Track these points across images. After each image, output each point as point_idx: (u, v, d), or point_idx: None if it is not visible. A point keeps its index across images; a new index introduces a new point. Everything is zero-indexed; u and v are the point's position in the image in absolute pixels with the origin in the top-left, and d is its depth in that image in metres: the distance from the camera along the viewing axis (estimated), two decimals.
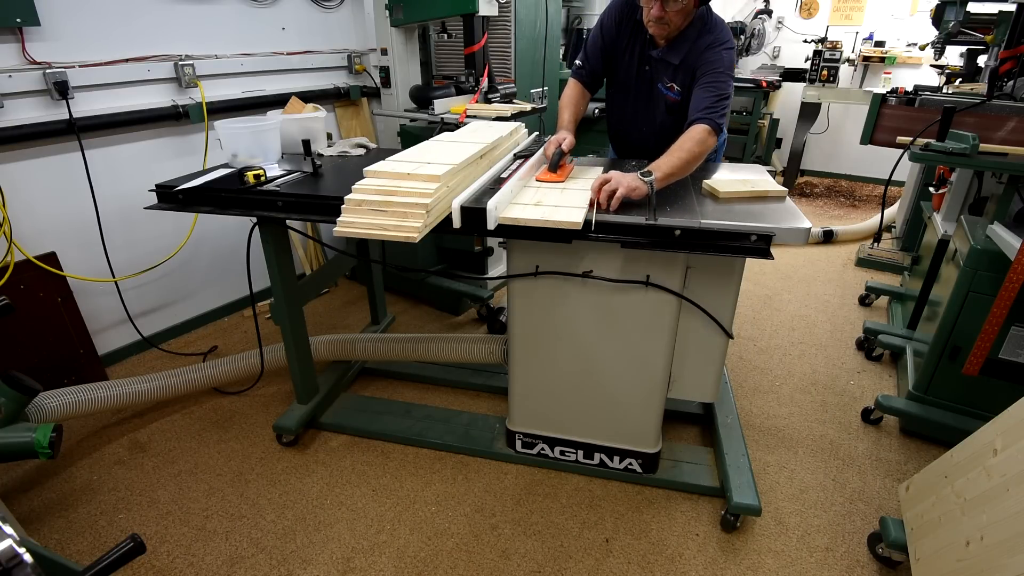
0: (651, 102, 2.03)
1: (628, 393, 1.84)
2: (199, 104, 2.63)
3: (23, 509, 1.87)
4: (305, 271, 3.40)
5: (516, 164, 1.81)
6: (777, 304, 3.28)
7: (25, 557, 0.80)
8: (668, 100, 1.97)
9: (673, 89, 1.95)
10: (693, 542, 1.77)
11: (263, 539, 1.77)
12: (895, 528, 1.62)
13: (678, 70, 1.90)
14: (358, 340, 2.37)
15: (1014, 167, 1.92)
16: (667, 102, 1.98)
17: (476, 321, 3.08)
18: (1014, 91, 2.37)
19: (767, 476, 2.02)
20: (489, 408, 2.36)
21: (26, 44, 2.13)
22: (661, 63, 1.93)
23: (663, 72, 1.94)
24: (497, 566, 1.69)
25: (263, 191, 1.74)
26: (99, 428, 2.25)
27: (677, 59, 1.88)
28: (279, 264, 1.94)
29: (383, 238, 1.38)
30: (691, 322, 1.71)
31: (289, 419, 2.13)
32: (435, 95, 2.64)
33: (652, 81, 1.99)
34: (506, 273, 1.79)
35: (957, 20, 3.08)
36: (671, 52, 1.89)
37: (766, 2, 5.62)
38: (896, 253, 3.84)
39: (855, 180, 5.88)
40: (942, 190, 2.70)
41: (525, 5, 3.07)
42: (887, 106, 2.44)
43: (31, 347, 2.27)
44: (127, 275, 2.60)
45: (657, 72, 1.96)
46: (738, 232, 1.45)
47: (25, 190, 2.23)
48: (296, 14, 3.07)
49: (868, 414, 2.30)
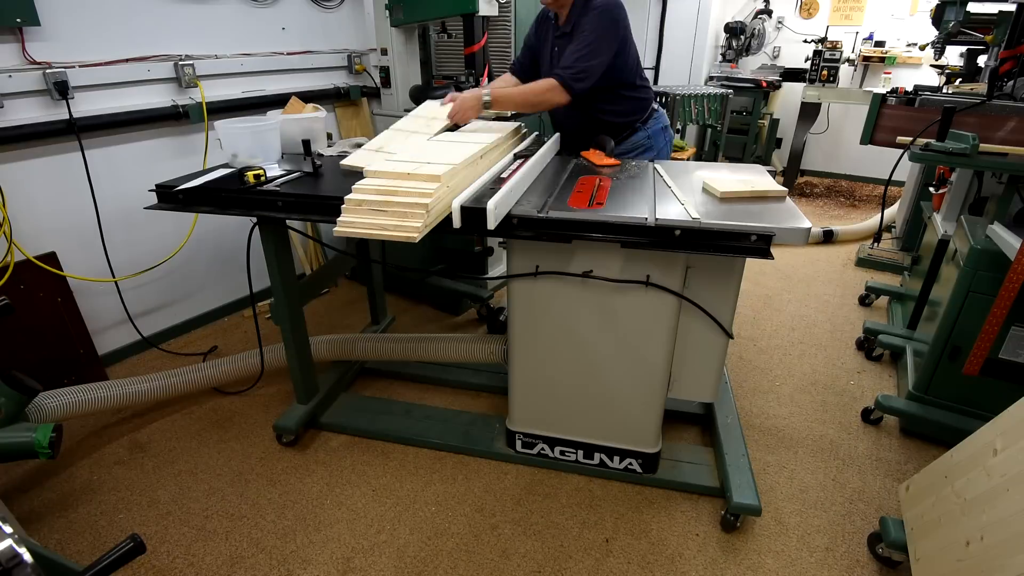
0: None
1: (628, 393, 1.84)
2: (199, 104, 2.63)
3: (23, 509, 1.87)
4: (305, 271, 3.40)
5: (516, 164, 1.81)
6: (777, 304, 3.28)
7: (25, 557, 0.80)
8: None
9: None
10: (693, 542, 1.77)
11: (263, 539, 1.77)
12: (895, 528, 1.62)
13: (571, 37, 2.01)
14: (358, 340, 2.37)
15: (1014, 167, 1.92)
16: None
17: (476, 321, 3.08)
18: (1014, 91, 2.37)
19: (767, 476, 2.02)
20: (489, 408, 2.36)
21: (26, 44, 2.13)
22: (563, 38, 2.07)
23: (566, 44, 2.05)
24: (497, 566, 1.69)
25: (263, 191, 1.74)
26: (99, 428, 2.25)
27: (570, 27, 2.02)
28: (279, 264, 1.94)
29: (383, 238, 1.38)
30: (691, 322, 1.71)
31: (289, 419, 2.13)
32: (435, 95, 2.64)
33: (559, 58, 2.08)
34: (506, 273, 1.79)
35: (957, 20, 3.08)
36: (567, 23, 2.03)
37: (766, 2, 5.62)
38: (896, 253, 3.84)
39: (855, 180, 5.88)
40: (942, 190, 2.70)
41: (525, 5, 3.07)
42: (887, 106, 2.44)
43: (31, 347, 2.27)
44: (127, 275, 2.60)
45: (562, 47, 2.07)
46: (738, 232, 1.45)
47: (25, 190, 2.23)
48: (296, 14, 3.07)
49: (868, 414, 2.30)
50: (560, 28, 2.09)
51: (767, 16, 5.65)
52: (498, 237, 1.60)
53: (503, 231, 1.53)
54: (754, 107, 5.12)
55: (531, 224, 1.55)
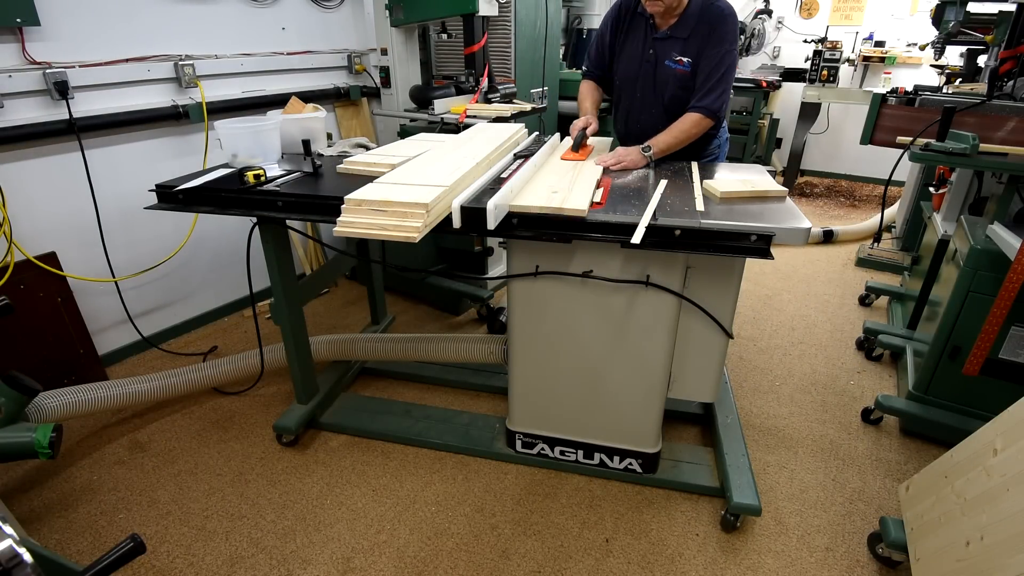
0: (657, 82, 2.09)
1: (628, 393, 1.83)
2: (199, 104, 2.63)
3: (23, 509, 1.87)
4: (305, 271, 3.40)
5: (516, 164, 1.81)
6: (777, 304, 3.28)
7: (25, 557, 0.79)
8: (677, 73, 2.03)
9: (681, 62, 2.01)
10: (693, 542, 1.77)
11: (263, 539, 1.77)
12: (895, 528, 1.62)
13: (687, 43, 1.98)
14: (358, 340, 2.37)
15: (1014, 167, 1.92)
16: (676, 75, 2.03)
17: (476, 321, 3.08)
18: (1014, 91, 2.37)
19: (767, 476, 2.02)
20: (489, 408, 2.36)
21: (26, 44, 2.13)
22: (668, 41, 2.02)
23: (670, 49, 2.02)
24: (497, 566, 1.69)
25: (263, 191, 1.74)
26: (99, 428, 2.25)
27: (685, 33, 1.98)
28: (279, 264, 1.94)
29: (383, 238, 1.38)
30: (691, 322, 1.71)
31: (289, 419, 2.13)
32: (435, 95, 2.64)
33: (658, 61, 2.05)
34: (506, 273, 1.79)
35: (957, 20, 3.08)
36: (679, 28, 1.99)
37: (766, 2, 5.61)
38: (896, 253, 3.84)
39: (855, 180, 5.88)
40: (942, 190, 2.70)
41: (525, 5, 3.07)
42: (887, 106, 2.44)
43: (31, 347, 2.27)
44: (127, 275, 2.60)
45: (664, 51, 2.03)
46: (738, 232, 1.45)
47: (25, 190, 2.23)
48: (296, 14, 3.07)
49: (868, 414, 2.30)
50: (661, 31, 2.02)
51: (767, 16, 5.64)
52: (498, 237, 1.60)
53: (503, 231, 1.53)
54: (754, 107, 5.11)
55: (531, 224, 1.55)
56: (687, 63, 1.99)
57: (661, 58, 2.04)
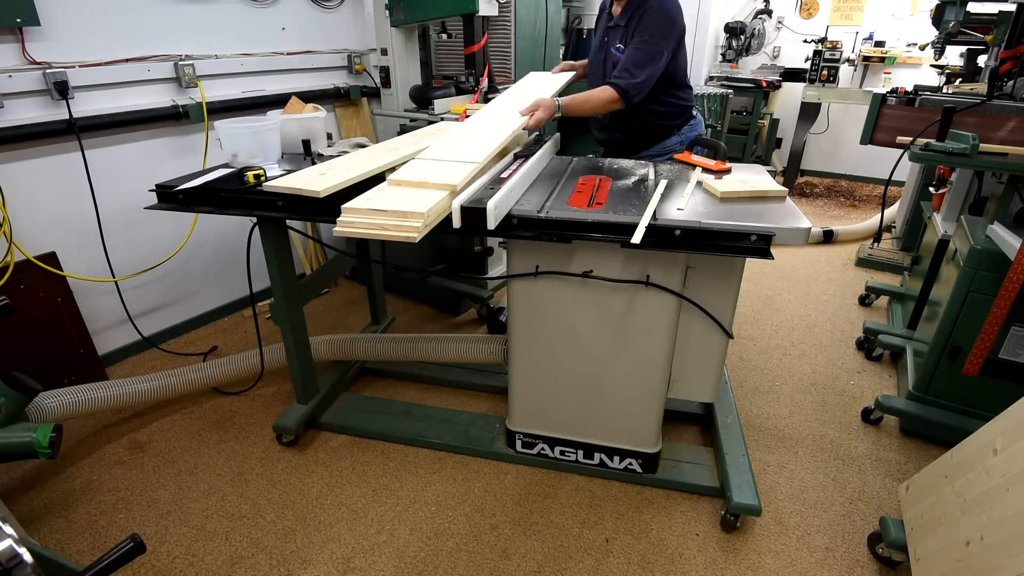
0: (606, 70, 2.13)
1: (628, 393, 1.83)
2: (199, 104, 2.63)
3: (23, 509, 1.87)
4: (305, 271, 3.40)
5: (516, 164, 1.81)
6: (777, 304, 3.28)
7: (25, 557, 0.79)
8: (616, 60, 2.05)
9: (620, 48, 2.04)
10: (693, 542, 1.77)
11: (263, 539, 1.77)
12: (895, 528, 1.62)
13: (626, 31, 2.01)
14: (358, 340, 2.37)
15: (1014, 167, 1.92)
16: (614, 62, 2.06)
17: (476, 321, 3.08)
18: (1014, 91, 2.37)
19: (767, 476, 2.02)
20: (489, 408, 2.36)
21: (26, 44, 2.13)
22: (615, 29, 2.06)
23: (615, 37, 2.06)
24: (497, 566, 1.69)
25: (263, 191, 1.74)
26: (99, 428, 2.25)
27: (624, 20, 2.01)
28: (279, 264, 1.94)
29: (383, 238, 1.38)
30: (691, 322, 1.71)
31: (289, 419, 2.13)
32: (435, 95, 2.64)
33: (608, 49, 2.10)
34: (506, 273, 1.79)
35: (957, 20, 3.08)
36: (622, 16, 2.03)
37: (766, 2, 5.62)
38: (896, 253, 3.84)
39: (855, 180, 5.88)
40: (942, 190, 2.70)
41: (525, 5, 3.07)
42: (887, 106, 2.44)
43: (31, 347, 2.27)
44: (127, 275, 2.60)
45: (612, 39, 2.08)
46: (738, 232, 1.45)
47: (25, 190, 2.23)
48: (296, 14, 3.07)
49: (868, 414, 2.30)
50: (614, 19, 2.08)
51: (767, 16, 5.64)
52: (498, 237, 1.60)
53: (503, 231, 1.53)
54: (754, 107, 5.12)
55: (531, 224, 1.55)
56: (623, 50, 2.03)
57: (609, 46, 2.09)
